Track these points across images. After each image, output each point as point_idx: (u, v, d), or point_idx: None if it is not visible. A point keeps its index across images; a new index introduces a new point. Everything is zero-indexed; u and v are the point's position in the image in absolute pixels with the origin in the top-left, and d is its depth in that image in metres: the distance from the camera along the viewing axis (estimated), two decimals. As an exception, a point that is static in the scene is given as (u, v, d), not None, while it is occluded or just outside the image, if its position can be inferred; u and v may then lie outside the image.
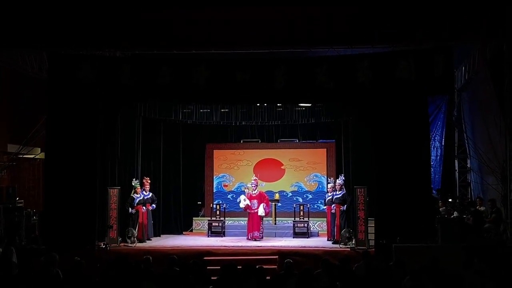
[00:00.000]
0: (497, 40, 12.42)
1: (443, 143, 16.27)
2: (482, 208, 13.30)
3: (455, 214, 13.25)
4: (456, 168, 16.19)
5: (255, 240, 14.70)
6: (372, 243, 12.77)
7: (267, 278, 8.11)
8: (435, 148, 15.94)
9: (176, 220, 17.05)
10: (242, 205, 15.19)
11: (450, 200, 14.35)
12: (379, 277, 7.77)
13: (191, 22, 12.44)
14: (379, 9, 12.13)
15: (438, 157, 16.18)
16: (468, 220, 12.61)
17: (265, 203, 15.04)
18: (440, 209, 13.70)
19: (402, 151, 12.54)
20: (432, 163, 14.46)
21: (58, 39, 12.62)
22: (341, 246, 13.29)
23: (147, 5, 12.46)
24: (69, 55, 12.84)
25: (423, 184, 12.59)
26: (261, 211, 14.95)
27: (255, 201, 15.12)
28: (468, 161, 15.65)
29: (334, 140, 17.32)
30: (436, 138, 16.01)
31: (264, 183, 16.73)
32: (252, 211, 14.99)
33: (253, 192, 15.28)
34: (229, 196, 17.69)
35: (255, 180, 15.52)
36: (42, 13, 12.49)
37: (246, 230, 15.25)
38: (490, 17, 11.88)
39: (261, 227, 15.04)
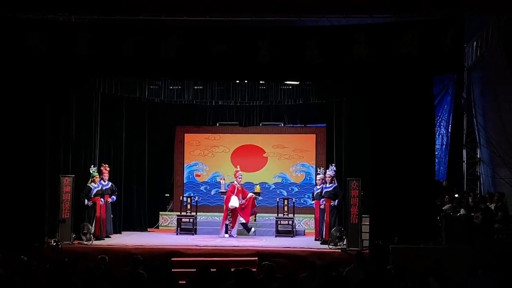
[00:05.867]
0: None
1: (449, 130, 16.39)
2: (493, 206, 13.43)
3: (462, 211, 13.37)
4: (464, 159, 16.33)
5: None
6: (366, 243, 12.87)
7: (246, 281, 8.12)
8: (440, 136, 16.06)
9: (140, 214, 16.99)
10: (236, 204, 15.31)
11: (456, 195, 14.47)
12: (375, 284, 7.82)
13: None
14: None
15: (444, 146, 16.31)
16: (477, 218, 12.74)
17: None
18: (445, 206, 13.82)
19: (403, 138, 12.64)
20: (436, 153, 14.59)
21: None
22: (330, 247, 13.35)
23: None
24: (16, 18, 12.65)
25: (426, 177, 12.70)
26: (234, 201, 15.24)
27: (241, 195, 15.45)
28: (478, 151, 15.79)
29: (324, 125, 17.36)
30: (442, 124, 16.12)
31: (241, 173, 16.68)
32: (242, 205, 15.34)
33: (239, 185, 15.55)
34: (202, 188, 17.70)
35: (237, 171, 15.73)
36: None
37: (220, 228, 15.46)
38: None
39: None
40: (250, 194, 15.57)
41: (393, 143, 12.70)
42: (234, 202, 15.27)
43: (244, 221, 15.37)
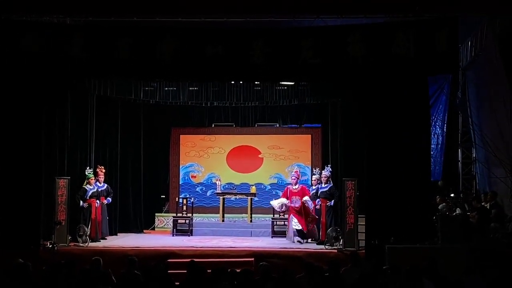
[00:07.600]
0: (509, 13, 12.52)
1: (445, 130, 16.38)
2: (488, 205, 13.47)
3: (458, 211, 13.40)
4: (460, 158, 16.33)
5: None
6: (362, 243, 12.89)
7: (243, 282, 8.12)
8: (435, 136, 16.05)
9: (136, 216, 16.99)
10: (276, 204, 15.01)
11: (452, 195, 14.49)
12: (371, 284, 7.83)
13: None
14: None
15: (439, 146, 16.30)
16: (473, 218, 12.77)
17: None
18: (440, 205, 13.83)
19: (399, 138, 12.67)
20: (432, 153, 14.58)
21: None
22: (326, 247, 13.36)
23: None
24: (10, 20, 12.63)
25: (422, 177, 12.73)
26: (276, 203, 14.98)
27: (297, 197, 14.76)
28: (473, 150, 15.81)
29: (320, 125, 17.40)
30: (437, 123, 16.12)
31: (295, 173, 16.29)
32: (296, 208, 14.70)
33: (294, 187, 14.99)
34: (197, 189, 17.72)
35: (296, 172, 15.49)
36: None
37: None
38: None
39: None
40: (304, 198, 14.69)
41: (389, 143, 12.73)
42: (275, 203, 15.08)
43: (300, 227, 14.51)
